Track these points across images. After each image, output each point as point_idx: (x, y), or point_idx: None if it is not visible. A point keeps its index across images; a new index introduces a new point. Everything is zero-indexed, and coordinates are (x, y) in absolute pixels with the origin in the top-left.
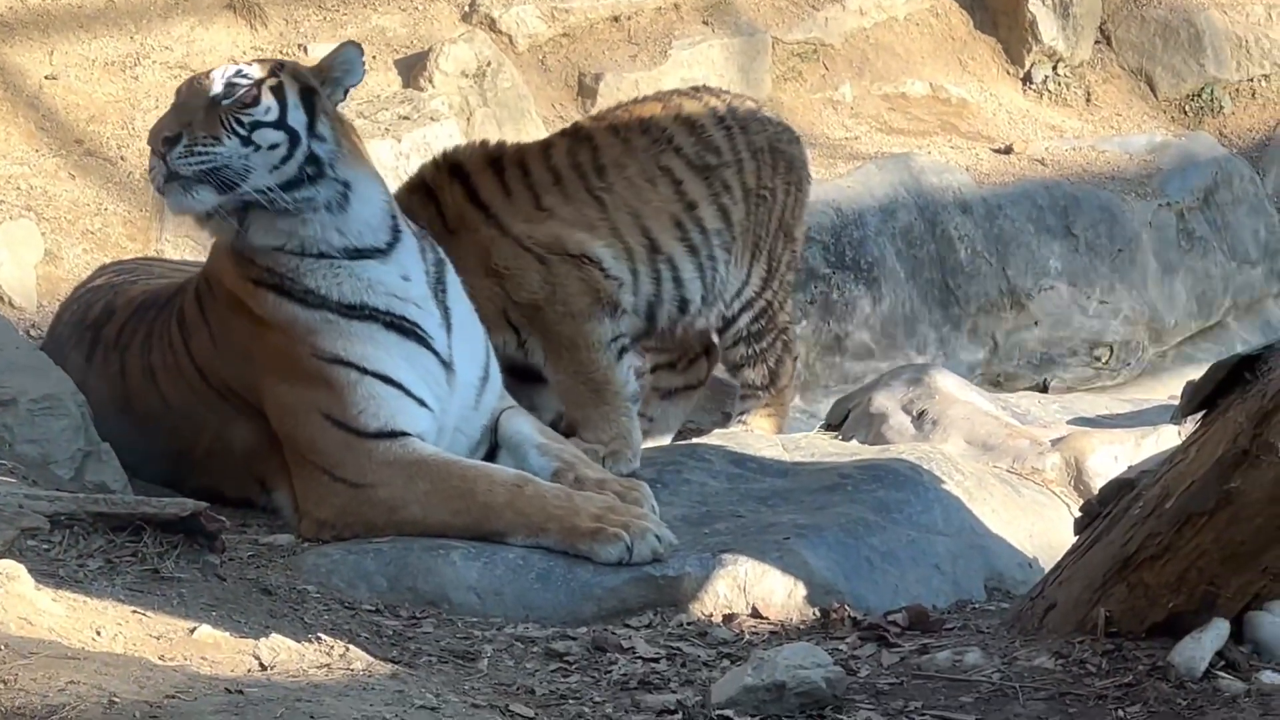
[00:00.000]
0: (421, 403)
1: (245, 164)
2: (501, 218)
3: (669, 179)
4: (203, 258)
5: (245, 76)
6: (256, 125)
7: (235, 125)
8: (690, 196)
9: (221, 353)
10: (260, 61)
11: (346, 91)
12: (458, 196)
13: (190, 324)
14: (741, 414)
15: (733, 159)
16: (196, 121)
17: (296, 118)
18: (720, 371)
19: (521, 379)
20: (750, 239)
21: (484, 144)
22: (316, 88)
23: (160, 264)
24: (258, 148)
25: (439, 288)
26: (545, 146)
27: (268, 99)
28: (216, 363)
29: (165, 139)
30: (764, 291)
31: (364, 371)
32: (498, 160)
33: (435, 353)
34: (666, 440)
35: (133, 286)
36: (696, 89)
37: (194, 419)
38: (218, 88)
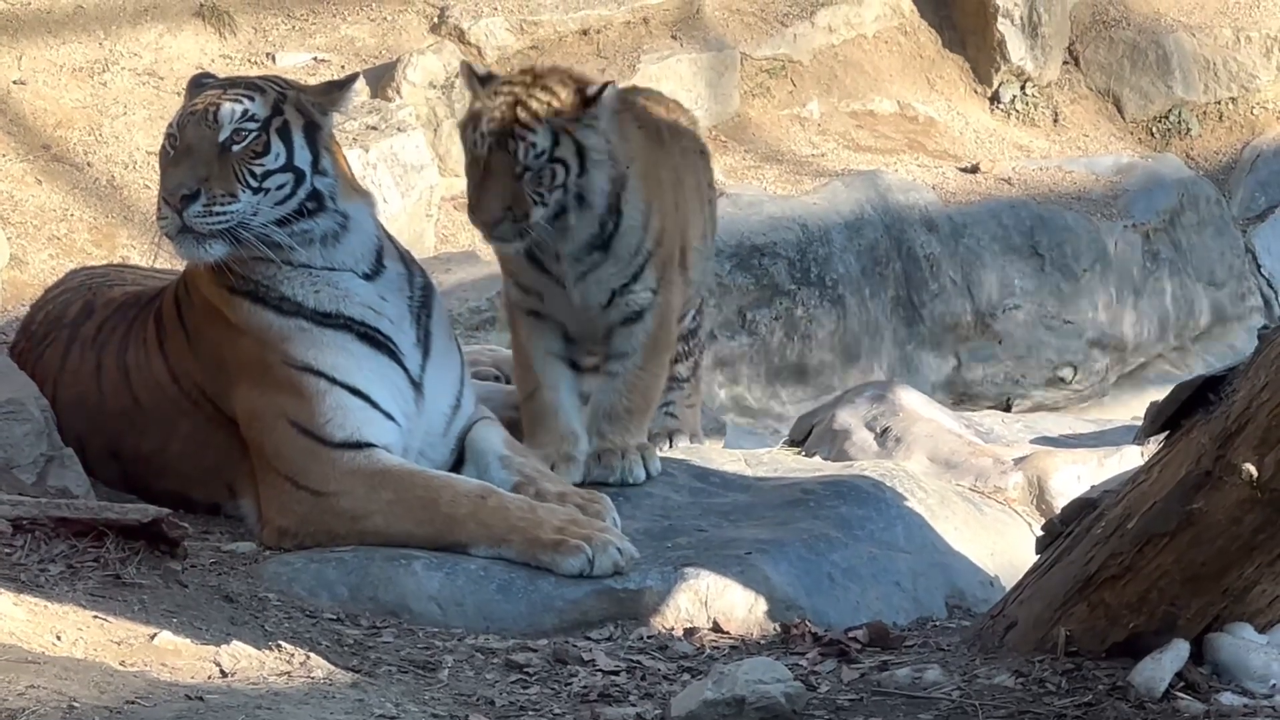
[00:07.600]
0: (389, 416)
1: (255, 211)
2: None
3: (694, 179)
4: (173, 266)
5: (253, 120)
6: (267, 174)
7: (248, 177)
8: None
9: (196, 357)
10: (261, 92)
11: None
12: None
13: (167, 327)
14: (667, 405)
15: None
16: (214, 176)
17: (302, 157)
18: None
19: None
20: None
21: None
22: (320, 123)
23: (132, 270)
24: (267, 192)
25: (423, 311)
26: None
27: (276, 144)
28: (190, 367)
29: (183, 197)
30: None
31: (333, 382)
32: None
33: (405, 370)
34: None
35: (113, 288)
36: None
37: (166, 421)
38: (225, 133)
